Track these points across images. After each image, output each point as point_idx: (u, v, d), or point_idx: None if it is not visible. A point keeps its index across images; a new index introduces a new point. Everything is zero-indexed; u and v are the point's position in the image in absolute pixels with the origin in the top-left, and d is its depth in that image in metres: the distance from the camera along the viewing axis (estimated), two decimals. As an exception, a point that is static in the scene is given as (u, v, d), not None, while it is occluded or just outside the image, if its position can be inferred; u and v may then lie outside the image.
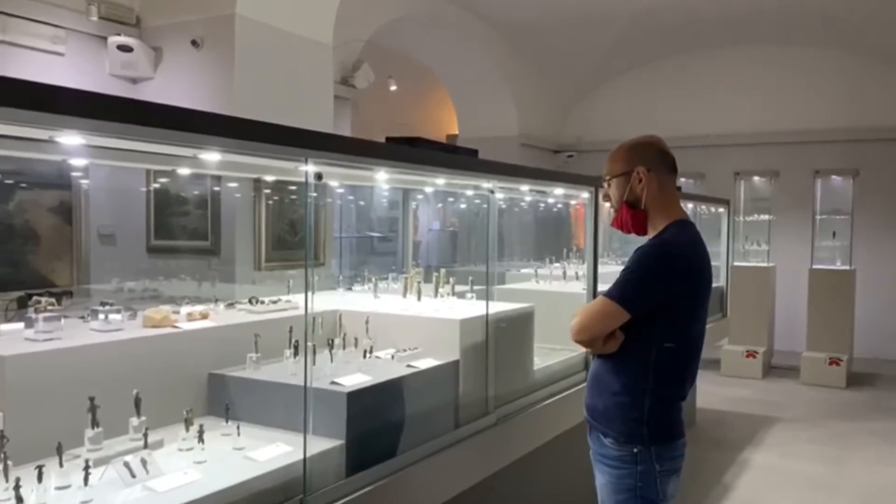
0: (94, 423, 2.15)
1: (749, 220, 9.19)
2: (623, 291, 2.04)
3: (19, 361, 2.13)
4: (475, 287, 3.57)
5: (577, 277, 4.72)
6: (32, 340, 2.29)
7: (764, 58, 9.78)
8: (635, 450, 2.07)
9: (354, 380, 2.51)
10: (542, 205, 6.03)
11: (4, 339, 2.33)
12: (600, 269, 4.97)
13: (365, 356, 2.77)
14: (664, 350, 2.06)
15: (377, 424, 2.54)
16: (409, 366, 2.79)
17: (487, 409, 3.12)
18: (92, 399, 2.12)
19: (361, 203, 6.90)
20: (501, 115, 10.05)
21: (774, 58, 9.74)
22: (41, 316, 2.35)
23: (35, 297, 2.51)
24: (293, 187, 5.40)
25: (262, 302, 3.19)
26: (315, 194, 2.21)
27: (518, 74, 10.04)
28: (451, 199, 6.31)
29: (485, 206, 3.36)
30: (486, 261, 3.18)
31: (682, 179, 8.50)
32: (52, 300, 2.52)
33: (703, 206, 7.02)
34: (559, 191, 4.50)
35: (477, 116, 10.09)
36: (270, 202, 5.42)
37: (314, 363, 2.56)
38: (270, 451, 2.24)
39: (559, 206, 6.75)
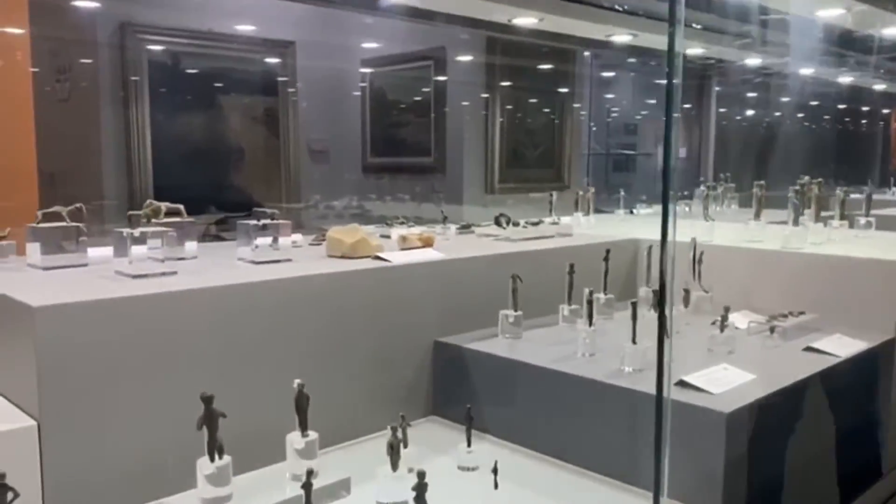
0: (215, 450, 1.05)
1: None
2: None
3: (54, 317, 1.05)
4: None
5: None
6: (124, 276, 1.23)
7: None
8: None
9: (726, 380, 1.21)
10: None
11: (70, 277, 1.31)
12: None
13: (722, 328, 1.43)
14: None
15: (776, 471, 1.22)
16: (809, 348, 1.42)
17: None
18: (208, 399, 1.03)
19: (617, 109, 5.43)
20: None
21: None
22: (142, 232, 1.28)
23: (153, 202, 1.46)
24: (529, 80, 4.13)
25: (517, 224, 1.95)
26: None
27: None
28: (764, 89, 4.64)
29: None
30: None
31: None
32: (179, 206, 1.48)
33: None
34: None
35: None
36: (507, 108, 4.19)
37: (643, 338, 1.29)
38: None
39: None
